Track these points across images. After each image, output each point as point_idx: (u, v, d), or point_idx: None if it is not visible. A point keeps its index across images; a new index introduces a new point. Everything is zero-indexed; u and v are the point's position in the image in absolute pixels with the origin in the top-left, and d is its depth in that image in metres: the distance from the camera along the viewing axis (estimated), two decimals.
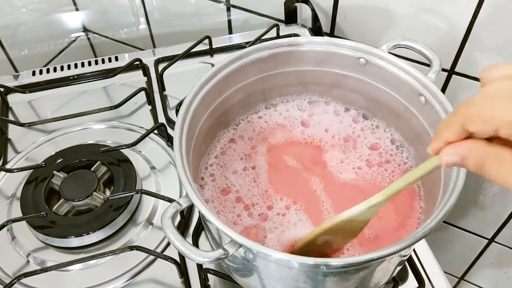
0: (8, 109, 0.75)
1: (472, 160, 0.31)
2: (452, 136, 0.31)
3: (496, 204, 0.86)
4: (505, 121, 0.27)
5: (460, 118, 0.30)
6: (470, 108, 0.29)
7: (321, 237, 0.45)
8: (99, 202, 0.59)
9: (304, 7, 0.82)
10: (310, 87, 0.59)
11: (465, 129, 0.30)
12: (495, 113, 0.28)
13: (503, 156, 0.29)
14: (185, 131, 0.46)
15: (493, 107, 0.28)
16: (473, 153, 0.30)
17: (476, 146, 0.30)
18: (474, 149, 0.30)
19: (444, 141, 0.32)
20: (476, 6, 0.64)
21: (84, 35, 1.02)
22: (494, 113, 0.28)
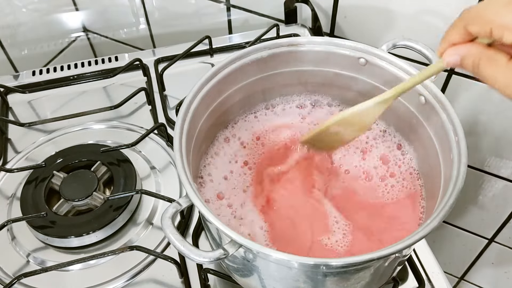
0: (8, 109, 0.75)
1: (470, 61, 0.34)
2: (456, 37, 0.35)
3: (496, 204, 0.86)
4: (498, 23, 0.31)
5: (462, 20, 0.34)
6: (471, 10, 0.33)
7: (332, 128, 0.48)
8: (99, 202, 0.59)
9: (304, 7, 0.82)
10: (310, 87, 0.59)
11: (467, 31, 0.33)
12: (491, 14, 0.32)
13: (497, 58, 0.33)
14: (185, 131, 0.46)
15: (491, 9, 0.32)
16: (471, 54, 0.34)
17: (474, 47, 0.34)
18: (472, 50, 0.34)
19: (449, 43, 0.36)
20: None
21: (84, 35, 1.02)
22: (490, 15, 0.32)
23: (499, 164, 0.79)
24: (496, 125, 0.75)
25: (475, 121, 0.76)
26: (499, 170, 0.80)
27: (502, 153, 0.78)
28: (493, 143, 0.77)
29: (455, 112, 0.45)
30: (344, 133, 0.49)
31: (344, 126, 0.48)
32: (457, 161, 0.43)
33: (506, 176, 0.81)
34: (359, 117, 0.46)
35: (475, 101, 0.74)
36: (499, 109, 0.73)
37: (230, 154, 0.56)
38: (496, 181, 0.82)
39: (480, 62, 0.34)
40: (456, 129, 0.44)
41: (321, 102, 0.60)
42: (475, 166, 0.82)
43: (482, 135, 0.77)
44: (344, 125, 0.48)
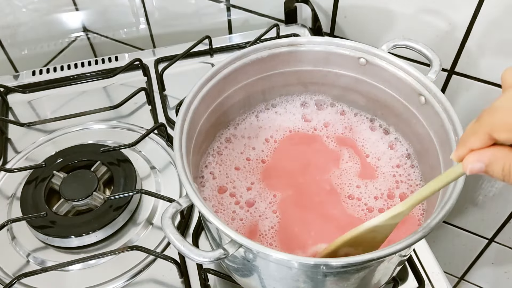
0: (8, 109, 0.75)
1: (499, 167, 0.30)
2: (477, 144, 0.30)
3: (496, 204, 0.86)
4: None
5: (485, 126, 0.29)
6: (495, 115, 0.29)
7: (342, 249, 0.44)
8: (99, 202, 0.59)
9: (304, 7, 0.82)
10: (310, 87, 0.59)
11: (492, 137, 0.29)
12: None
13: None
14: (185, 131, 0.46)
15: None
16: (499, 160, 0.30)
17: (501, 152, 0.30)
18: (500, 156, 0.30)
19: (469, 149, 0.31)
20: (476, 6, 0.64)
21: (84, 35, 1.02)
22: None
23: None
24: None
25: None
26: None
27: None
28: None
29: (455, 112, 0.45)
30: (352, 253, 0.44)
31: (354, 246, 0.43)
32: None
33: None
34: (371, 234, 0.42)
35: (475, 101, 0.74)
36: None
37: (230, 154, 0.56)
38: (496, 181, 0.82)
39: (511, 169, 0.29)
40: (456, 129, 0.44)
41: (321, 102, 0.60)
42: None
43: None
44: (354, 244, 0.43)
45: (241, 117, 0.59)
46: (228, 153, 0.56)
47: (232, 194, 0.52)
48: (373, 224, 0.41)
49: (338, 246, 0.43)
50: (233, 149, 0.57)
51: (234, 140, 0.57)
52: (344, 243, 0.43)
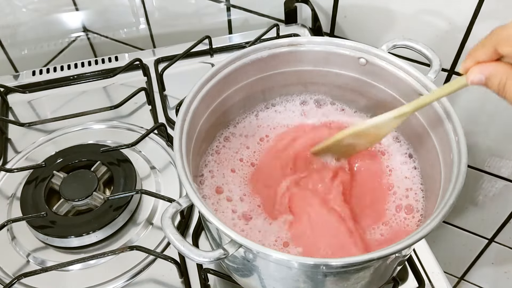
0: (8, 109, 0.75)
1: (496, 80, 0.33)
2: (483, 56, 0.33)
3: (496, 204, 0.86)
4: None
5: (493, 40, 0.32)
6: (504, 31, 0.31)
7: (346, 139, 0.47)
8: (99, 202, 0.59)
9: (304, 7, 0.82)
10: (310, 87, 0.59)
11: (497, 51, 0.32)
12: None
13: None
14: (185, 131, 0.46)
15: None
16: (498, 73, 0.32)
17: (502, 67, 0.32)
18: (499, 70, 0.32)
19: (475, 61, 0.34)
20: (476, 6, 0.64)
21: (84, 35, 1.02)
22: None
23: (499, 164, 0.79)
24: (496, 125, 0.75)
25: (475, 121, 0.76)
26: (499, 170, 0.80)
27: (502, 153, 0.78)
28: (493, 143, 0.77)
29: (455, 112, 0.45)
30: (357, 143, 0.48)
31: (358, 138, 0.47)
32: (457, 161, 0.43)
33: (506, 176, 0.81)
34: (374, 130, 0.46)
35: (475, 101, 0.74)
36: (499, 109, 0.73)
37: (230, 153, 0.56)
38: (496, 181, 0.82)
39: (507, 82, 0.33)
40: (456, 129, 0.44)
41: (321, 102, 0.60)
42: (475, 166, 0.82)
43: (482, 135, 0.77)
44: (358, 136, 0.47)
45: (241, 117, 0.59)
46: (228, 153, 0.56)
47: (229, 199, 0.52)
48: (379, 120, 0.45)
49: (343, 137, 0.47)
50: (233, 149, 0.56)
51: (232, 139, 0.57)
52: (350, 135, 0.46)
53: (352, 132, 0.47)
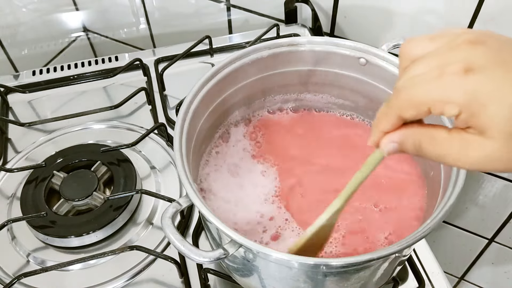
0: (8, 109, 0.75)
1: (410, 144, 0.32)
2: (388, 126, 0.32)
3: (496, 204, 0.86)
4: (434, 101, 0.28)
5: (394, 108, 0.31)
6: (400, 97, 0.30)
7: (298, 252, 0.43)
8: (99, 202, 0.59)
9: (304, 7, 0.82)
10: (310, 87, 0.59)
11: (401, 117, 0.31)
12: (425, 94, 0.29)
13: (435, 133, 0.30)
14: (185, 131, 0.46)
15: (421, 90, 0.29)
16: (409, 138, 0.31)
17: (409, 130, 0.31)
18: (409, 134, 0.31)
19: (382, 132, 0.33)
20: (476, 6, 0.64)
21: (84, 35, 1.02)
22: (424, 95, 0.29)
23: None
24: None
25: None
26: None
27: None
28: None
29: None
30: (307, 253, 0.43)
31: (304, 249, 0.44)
32: None
33: (506, 176, 0.81)
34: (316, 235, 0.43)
35: None
36: None
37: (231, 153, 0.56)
38: (496, 181, 0.82)
39: (421, 144, 0.31)
40: None
41: (321, 102, 0.60)
42: None
43: None
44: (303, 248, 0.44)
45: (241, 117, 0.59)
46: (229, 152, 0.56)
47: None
48: (317, 225, 0.42)
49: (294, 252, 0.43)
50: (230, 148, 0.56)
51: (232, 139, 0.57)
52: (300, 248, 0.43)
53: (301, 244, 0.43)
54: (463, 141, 0.29)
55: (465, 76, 0.27)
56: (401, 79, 0.31)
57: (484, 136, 0.28)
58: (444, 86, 0.28)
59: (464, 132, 0.29)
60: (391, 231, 0.49)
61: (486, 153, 0.28)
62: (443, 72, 0.28)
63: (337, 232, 0.49)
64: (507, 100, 0.26)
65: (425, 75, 0.29)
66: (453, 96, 0.27)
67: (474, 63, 0.27)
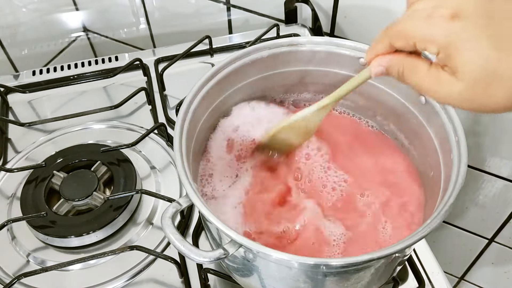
0: (8, 109, 0.75)
1: (394, 69, 0.36)
2: (381, 49, 0.37)
3: (496, 204, 0.86)
4: (420, 36, 0.33)
5: (387, 35, 0.36)
6: (394, 26, 0.35)
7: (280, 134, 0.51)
8: (99, 202, 0.59)
9: (304, 7, 0.82)
10: (310, 87, 0.59)
11: (392, 45, 0.36)
12: (413, 29, 0.33)
13: (418, 65, 0.35)
14: (185, 131, 0.46)
15: (412, 24, 0.33)
16: (395, 63, 0.36)
17: (397, 57, 0.36)
18: (395, 60, 0.36)
19: (375, 53, 0.38)
20: None
21: (84, 35, 1.02)
22: (412, 30, 0.33)
23: (499, 164, 0.79)
24: (496, 125, 0.75)
25: (475, 121, 0.76)
26: (499, 170, 0.80)
27: (502, 153, 0.78)
28: (493, 143, 0.77)
29: (455, 112, 0.45)
30: (292, 138, 0.52)
31: (291, 132, 0.51)
32: (457, 161, 0.43)
33: (506, 176, 0.81)
34: (303, 123, 0.50)
35: None
36: None
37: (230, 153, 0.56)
38: (496, 181, 0.82)
39: (404, 71, 0.36)
40: (456, 129, 0.44)
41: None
42: (475, 166, 0.82)
43: (482, 135, 0.77)
44: (290, 130, 0.51)
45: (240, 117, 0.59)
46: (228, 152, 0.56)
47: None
48: (303, 114, 0.49)
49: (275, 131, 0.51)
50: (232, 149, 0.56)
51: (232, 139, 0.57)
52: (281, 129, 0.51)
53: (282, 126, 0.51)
54: (438, 77, 0.33)
55: (450, 20, 0.31)
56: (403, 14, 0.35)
57: (455, 76, 0.31)
58: (429, 26, 0.32)
59: (441, 69, 0.33)
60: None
61: (455, 91, 0.32)
62: (433, 13, 0.32)
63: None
64: (479, 50, 0.30)
65: (420, 13, 0.33)
66: (435, 36, 0.31)
67: (462, 10, 0.31)
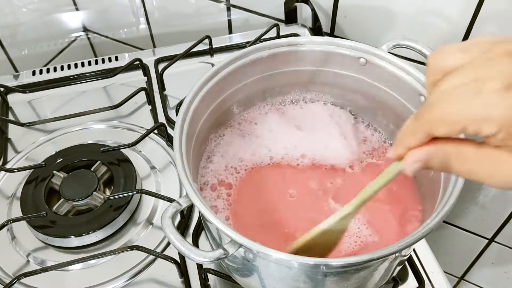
0: (8, 109, 0.75)
1: (437, 161, 0.30)
2: (415, 143, 0.30)
3: (496, 204, 0.86)
4: (471, 118, 0.26)
5: (424, 125, 0.29)
6: (433, 112, 0.28)
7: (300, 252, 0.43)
8: (99, 202, 0.59)
9: (304, 7, 0.82)
10: (310, 87, 0.59)
11: (430, 134, 0.29)
12: (460, 112, 0.27)
13: (465, 151, 0.29)
14: (185, 131, 0.46)
15: (459, 107, 0.27)
16: (435, 156, 0.30)
17: (438, 147, 0.30)
18: (435, 152, 0.30)
19: (407, 148, 0.31)
20: (476, 6, 0.64)
21: (84, 35, 1.02)
22: (459, 113, 0.27)
23: None
24: None
25: None
26: None
27: None
28: None
29: None
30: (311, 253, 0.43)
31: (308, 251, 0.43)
32: None
33: None
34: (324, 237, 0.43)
35: None
36: None
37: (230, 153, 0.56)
38: None
39: (449, 163, 0.30)
40: None
41: (321, 102, 0.60)
42: None
43: None
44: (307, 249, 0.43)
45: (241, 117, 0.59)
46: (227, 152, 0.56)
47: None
48: (323, 227, 0.41)
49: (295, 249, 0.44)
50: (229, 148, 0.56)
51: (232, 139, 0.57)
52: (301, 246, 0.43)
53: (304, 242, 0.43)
54: (495, 158, 0.28)
55: (506, 92, 0.26)
56: (433, 94, 0.29)
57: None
58: (483, 103, 0.26)
59: (494, 149, 0.27)
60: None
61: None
62: (482, 88, 0.26)
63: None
64: None
65: (462, 90, 0.27)
66: (492, 114, 0.26)
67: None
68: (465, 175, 0.29)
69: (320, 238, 0.42)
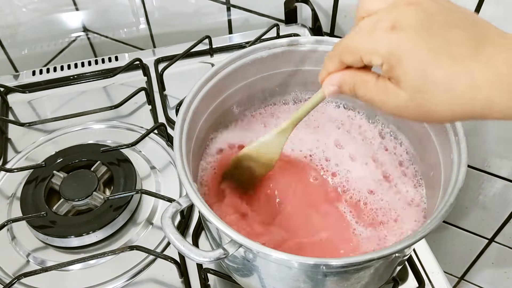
0: (8, 109, 0.75)
1: (346, 86, 0.36)
2: (332, 67, 0.37)
3: (496, 204, 0.86)
4: (365, 50, 0.33)
5: (336, 52, 0.36)
6: (342, 42, 0.35)
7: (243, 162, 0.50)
8: (99, 202, 0.59)
9: (304, 7, 0.82)
10: (310, 87, 0.59)
11: (342, 61, 0.36)
12: (357, 44, 0.34)
13: (367, 79, 0.35)
14: (185, 131, 0.46)
15: (357, 40, 0.34)
16: (346, 80, 0.36)
17: (347, 74, 0.36)
18: (346, 76, 0.36)
19: (327, 72, 0.37)
20: (476, 6, 0.64)
21: (84, 35, 1.02)
22: (357, 45, 0.34)
23: (499, 164, 0.79)
24: (496, 125, 0.75)
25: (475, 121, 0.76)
26: (499, 170, 0.80)
27: (502, 153, 0.78)
28: (493, 143, 0.77)
29: None
30: (255, 166, 0.50)
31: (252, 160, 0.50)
32: (457, 161, 0.43)
33: (506, 176, 0.81)
34: (264, 149, 0.49)
35: None
36: None
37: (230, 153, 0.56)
38: (496, 181, 0.82)
39: (355, 87, 0.35)
40: (456, 128, 0.44)
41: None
42: (475, 166, 0.82)
43: (482, 135, 0.77)
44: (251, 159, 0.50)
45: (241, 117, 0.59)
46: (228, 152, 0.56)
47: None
48: (262, 140, 0.48)
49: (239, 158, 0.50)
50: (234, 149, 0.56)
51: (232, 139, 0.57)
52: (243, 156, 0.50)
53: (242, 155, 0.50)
54: (385, 88, 0.33)
55: (391, 32, 0.31)
56: (352, 28, 0.35)
57: (399, 86, 0.32)
58: (372, 38, 0.32)
59: (387, 80, 0.33)
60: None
61: (401, 101, 0.32)
62: (375, 27, 0.32)
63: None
64: (419, 59, 0.30)
65: (364, 28, 0.34)
66: (377, 49, 0.32)
67: (402, 22, 0.31)
68: (366, 100, 0.35)
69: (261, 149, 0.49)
